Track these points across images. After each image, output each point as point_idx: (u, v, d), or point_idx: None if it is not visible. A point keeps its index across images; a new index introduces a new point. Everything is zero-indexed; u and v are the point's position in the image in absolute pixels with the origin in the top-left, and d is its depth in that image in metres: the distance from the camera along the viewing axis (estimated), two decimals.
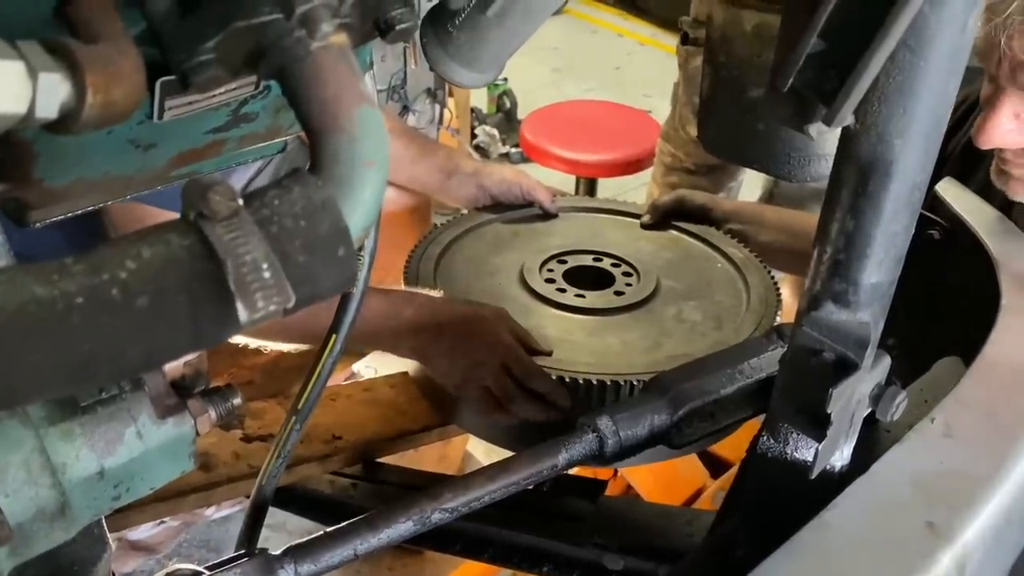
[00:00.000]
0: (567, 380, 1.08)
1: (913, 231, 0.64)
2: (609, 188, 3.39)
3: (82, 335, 0.35)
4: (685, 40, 2.21)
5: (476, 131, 4.23)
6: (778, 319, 1.21)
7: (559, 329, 1.19)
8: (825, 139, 0.66)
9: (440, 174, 1.53)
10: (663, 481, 1.71)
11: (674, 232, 1.44)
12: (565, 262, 1.34)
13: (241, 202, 0.39)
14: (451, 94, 2.99)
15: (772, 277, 1.30)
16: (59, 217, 0.62)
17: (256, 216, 0.38)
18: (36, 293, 0.35)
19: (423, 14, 0.60)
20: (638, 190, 3.43)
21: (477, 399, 1.13)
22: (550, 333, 1.18)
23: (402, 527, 0.74)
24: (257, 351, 1.31)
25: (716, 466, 1.76)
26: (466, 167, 1.53)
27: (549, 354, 1.13)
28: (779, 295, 1.26)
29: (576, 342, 1.17)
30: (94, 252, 0.37)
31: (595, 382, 1.07)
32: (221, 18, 0.42)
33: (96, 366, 0.36)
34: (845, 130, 0.60)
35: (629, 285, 1.28)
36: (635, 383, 1.07)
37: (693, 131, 2.21)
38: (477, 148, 4.22)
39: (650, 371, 1.08)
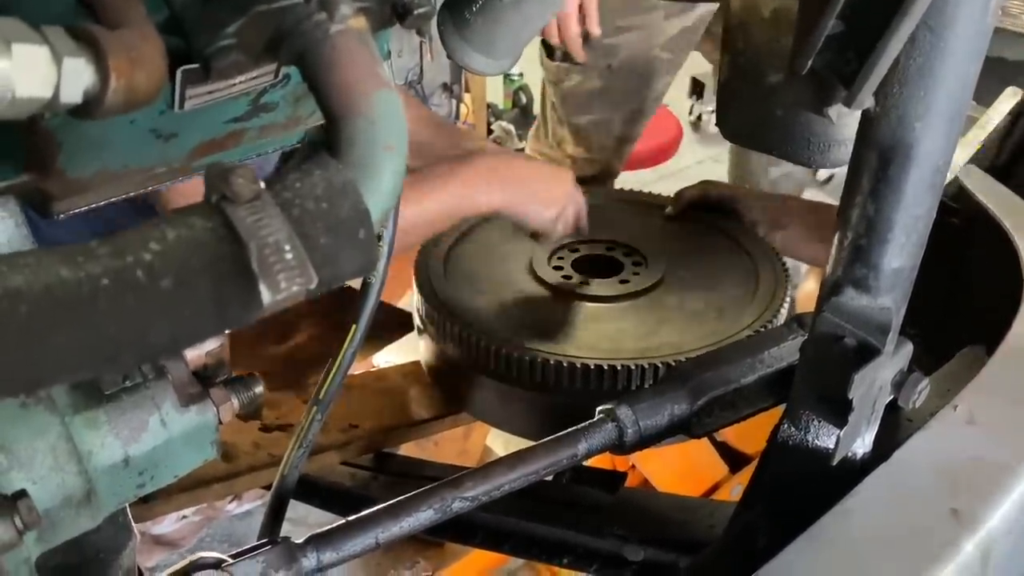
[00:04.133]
0: (552, 363, 1.09)
1: (935, 215, 0.64)
2: (626, 182, 3.38)
3: (108, 317, 0.36)
4: (551, 55, 1.99)
5: (492, 126, 4.22)
6: (783, 313, 1.21)
7: (559, 315, 1.21)
8: (845, 124, 0.65)
9: None
10: (680, 474, 1.70)
11: (696, 223, 1.44)
12: (577, 250, 1.34)
13: (263, 185, 0.39)
14: (467, 89, 2.99)
15: (785, 271, 1.29)
16: (82, 208, 0.62)
17: (278, 199, 0.39)
18: (62, 275, 0.36)
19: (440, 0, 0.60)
20: (655, 184, 3.41)
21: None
22: (550, 318, 1.19)
23: (423, 516, 0.74)
24: (273, 342, 1.33)
25: (735, 460, 1.75)
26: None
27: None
28: (787, 289, 1.25)
29: (573, 327, 1.18)
30: (119, 235, 0.37)
31: (579, 365, 1.09)
32: (242, 3, 0.42)
33: (121, 348, 0.37)
34: (865, 114, 0.60)
35: (636, 274, 1.29)
36: (619, 368, 1.08)
37: (570, 148, 2.08)
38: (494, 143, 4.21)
39: (637, 357, 1.10)
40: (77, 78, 0.39)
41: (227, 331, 0.40)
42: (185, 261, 0.37)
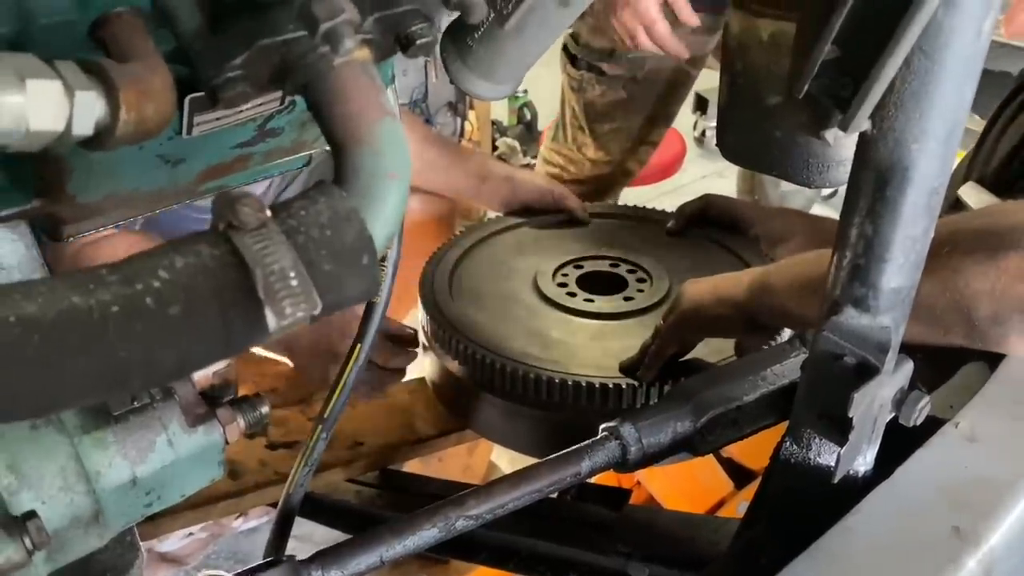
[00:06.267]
0: (557, 382, 1.10)
1: (932, 235, 0.65)
2: (630, 198, 3.39)
3: (117, 343, 0.37)
4: (575, 63, 2.00)
5: (497, 143, 4.23)
6: (785, 329, 1.21)
7: (564, 332, 1.21)
8: (843, 145, 0.66)
9: (474, 179, 1.57)
10: (686, 491, 1.70)
11: (698, 238, 1.44)
12: (581, 267, 1.35)
13: (269, 213, 0.40)
14: (472, 107, 3.02)
15: None
16: (90, 232, 0.63)
17: (283, 227, 0.40)
18: (73, 302, 0.36)
19: (444, 28, 0.62)
20: (659, 199, 3.42)
21: None
22: (554, 336, 1.20)
23: (427, 534, 0.74)
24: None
25: (740, 475, 1.75)
26: (499, 172, 1.55)
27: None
28: None
29: (578, 345, 1.19)
30: (127, 262, 0.38)
31: (584, 383, 1.09)
32: (247, 36, 0.44)
33: (131, 373, 0.38)
34: (862, 136, 0.61)
35: (641, 291, 1.29)
36: (624, 386, 1.09)
37: (590, 152, 2.09)
38: (498, 160, 4.22)
39: None
40: (89, 111, 0.40)
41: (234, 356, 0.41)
42: (193, 288, 0.38)
